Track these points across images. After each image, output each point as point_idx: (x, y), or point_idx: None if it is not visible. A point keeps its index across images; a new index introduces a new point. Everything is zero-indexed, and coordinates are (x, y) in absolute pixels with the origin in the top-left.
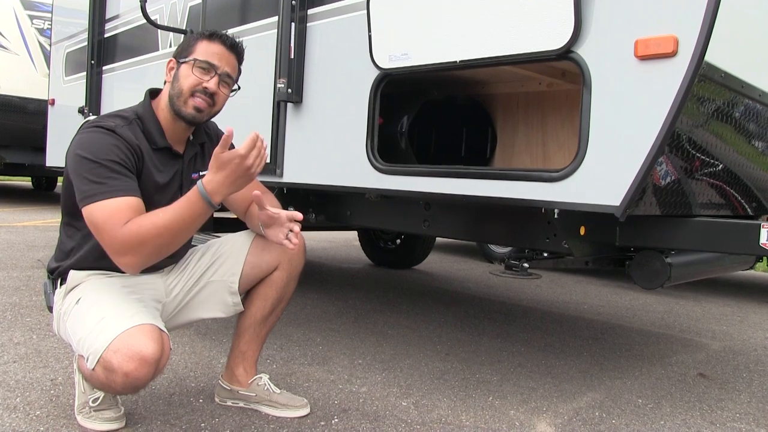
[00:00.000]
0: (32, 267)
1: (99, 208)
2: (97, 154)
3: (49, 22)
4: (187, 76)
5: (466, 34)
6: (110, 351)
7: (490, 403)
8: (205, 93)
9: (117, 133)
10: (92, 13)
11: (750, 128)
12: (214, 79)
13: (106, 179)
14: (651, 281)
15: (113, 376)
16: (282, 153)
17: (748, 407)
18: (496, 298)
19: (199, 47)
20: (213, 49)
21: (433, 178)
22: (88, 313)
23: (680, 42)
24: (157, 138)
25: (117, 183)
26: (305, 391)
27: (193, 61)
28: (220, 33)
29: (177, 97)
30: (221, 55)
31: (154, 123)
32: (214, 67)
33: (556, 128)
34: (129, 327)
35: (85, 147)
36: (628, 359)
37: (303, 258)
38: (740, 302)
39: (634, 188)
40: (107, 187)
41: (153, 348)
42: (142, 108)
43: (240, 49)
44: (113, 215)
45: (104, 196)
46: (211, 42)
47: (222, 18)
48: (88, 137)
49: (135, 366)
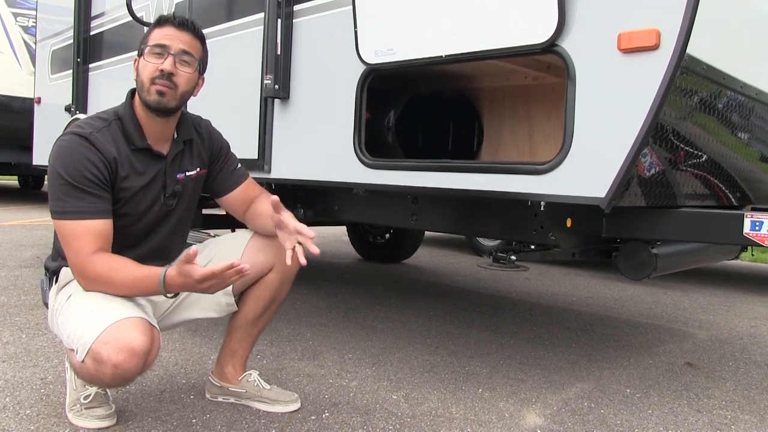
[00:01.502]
0: (20, 266)
1: (65, 226)
2: (69, 170)
3: (34, 19)
4: (144, 66)
5: (452, 29)
6: (99, 342)
7: (479, 395)
8: (163, 76)
9: (91, 141)
10: (78, 11)
11: (732, 119)
12: (168, 59)
13: (74, 198)
14: (637, 272)
15: (102, 367)
16: (270, 149)
17: (733, 395)
18: (484, 291)
19: (152, 36)
20: (164, 32)
21: (421, 172)
22: (78, 306)
23: (662, 35)
24: (136, 138)
25: (83, 204)
26: (296, 386)
27: (148, 50)
28: (168, 16)
29: (141, 90)
30: (171, 36)
31: (133, 123)
32: (165, 48)
33: (542, 121)
34: (118, 319)
35: (60, 159)
36: (617, 350)
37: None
38: (726, 292)
39: (619, 180)
40: (74, 207)
41: (142, 340)
42: (123, 108)
43: (192, 26)
44: (78, 238)
45: (71, 216)
46: (161, 27)
47: (208, 14)
48: (64, 147)
49: (124, 357)
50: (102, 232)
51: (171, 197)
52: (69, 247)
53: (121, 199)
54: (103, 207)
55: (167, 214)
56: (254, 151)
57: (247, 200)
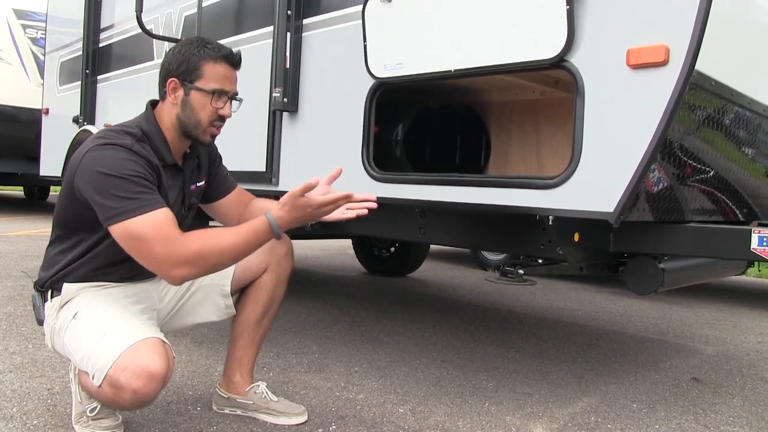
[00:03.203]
0: (26, 277)
1: (141, 222)
2: (121, 170)
3: (42, 31)
4: (204, 107)
5: (461, 44)
6: (117, 369)
7: (486, 409)
8: (222, 120)
9: (134, 151)
10: (87, 23)
11: (740, 135)
12: (228, 104)
13: (138, 194)
14: (645, 287)
15: (121, 393)
16: (278, 162)
17: (741, 411)
18: (490, 305)
19: (207, 70)
20: (221, 71)
21: (429, 185)
22: (88, 327)
23: (671, 51)
24: (166, 155)
25: (152, 196)
26: (302, 398)
27: (211, 94)
28: (223, 51)
29: (194, 127)
30: (230, 77)
31: (162, 140)
32: (227, 93)
33: (550, 136)
34: (134, 342)
35: (105, 164)
36: (623, 364)
37: (291, 260)
38: (732, 307)
39: (628, 195)
40: (143, 201)
41: (160, 364)
42: (147, 123)
43: (240, 62)
44: (163, 227)
45: (143, 210)
46: (217, 63)
47: (217, 27)
48: (105, 154)
49: (144, 383)
50: (175, 219)
51: (188, 210)
52: (154, 241)
53: None
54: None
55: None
56: (262, 163)
57: (241, 203)
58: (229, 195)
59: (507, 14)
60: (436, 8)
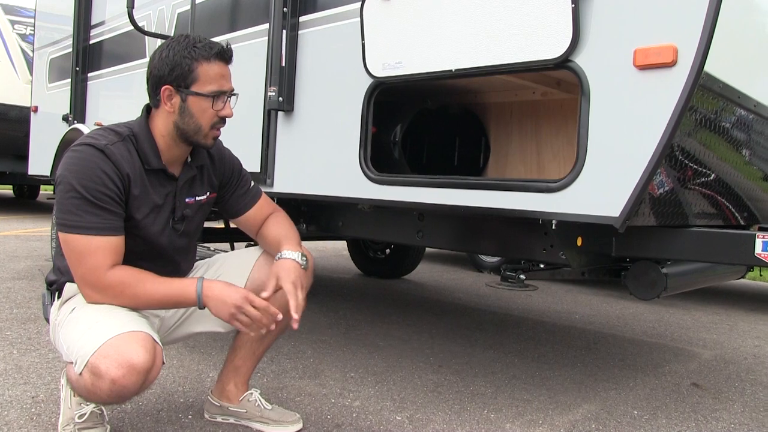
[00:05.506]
0: (13, 278)
1: (78, 241)
2: (84, 182)
3: (31, 27)
4: (204, 111)
5: (462, 43)
6: (99, 355)
7: (485, 416)
8: (224, 121)
9: (107, 153)
10: (77, 19)
11: (744, 139)
12: (227, 103)
13: (87, 214)
14: (647, 291)
15: (100, 382)
16: (272, 162)
17: (742, 417)
18: (487, 309)
19: (201, 72)
20: (216, 71)
21: (428, 188)
22: (82, 320)
23: (680, 52)
24: (152, 159)
25: (98, 221)
26: (297, 405)
27: (211, 98)
28: (215, 49)
29: (195, 132)
30: (226, 75)
31: (150, 144)
32: (224, 92)
33: (551, 137)
34: (121, 332)
35: (74, 171)
36: (622, 369)
37: (310, 278)
38: (729, 310)
39: (634, 199)
40: (88, 222)
41: (144, 356)
42: (138, 126)
43: (232, 55)
44: (93, 254)
45: (85, 232)
46: (211, 63)
47: (211, 25)
48: (78, 158)
49: (123, 373)
50: (117, 248)
51: (179, 221)
52: (81, 262)
53: (131, 218)
54: (118, 224)
55: (176, 236)
56: (257, 164)
57: (260, 220)
58: (247, 213)
59: (510, 12)
60: (437, 6)
